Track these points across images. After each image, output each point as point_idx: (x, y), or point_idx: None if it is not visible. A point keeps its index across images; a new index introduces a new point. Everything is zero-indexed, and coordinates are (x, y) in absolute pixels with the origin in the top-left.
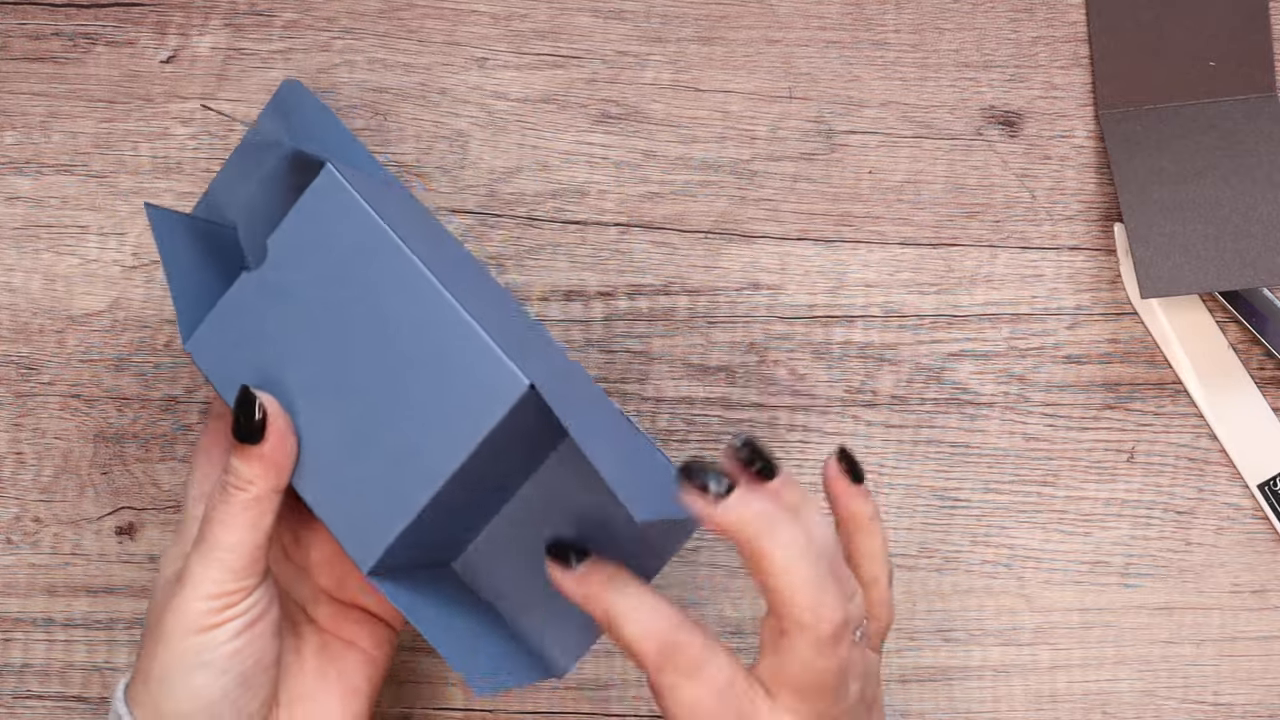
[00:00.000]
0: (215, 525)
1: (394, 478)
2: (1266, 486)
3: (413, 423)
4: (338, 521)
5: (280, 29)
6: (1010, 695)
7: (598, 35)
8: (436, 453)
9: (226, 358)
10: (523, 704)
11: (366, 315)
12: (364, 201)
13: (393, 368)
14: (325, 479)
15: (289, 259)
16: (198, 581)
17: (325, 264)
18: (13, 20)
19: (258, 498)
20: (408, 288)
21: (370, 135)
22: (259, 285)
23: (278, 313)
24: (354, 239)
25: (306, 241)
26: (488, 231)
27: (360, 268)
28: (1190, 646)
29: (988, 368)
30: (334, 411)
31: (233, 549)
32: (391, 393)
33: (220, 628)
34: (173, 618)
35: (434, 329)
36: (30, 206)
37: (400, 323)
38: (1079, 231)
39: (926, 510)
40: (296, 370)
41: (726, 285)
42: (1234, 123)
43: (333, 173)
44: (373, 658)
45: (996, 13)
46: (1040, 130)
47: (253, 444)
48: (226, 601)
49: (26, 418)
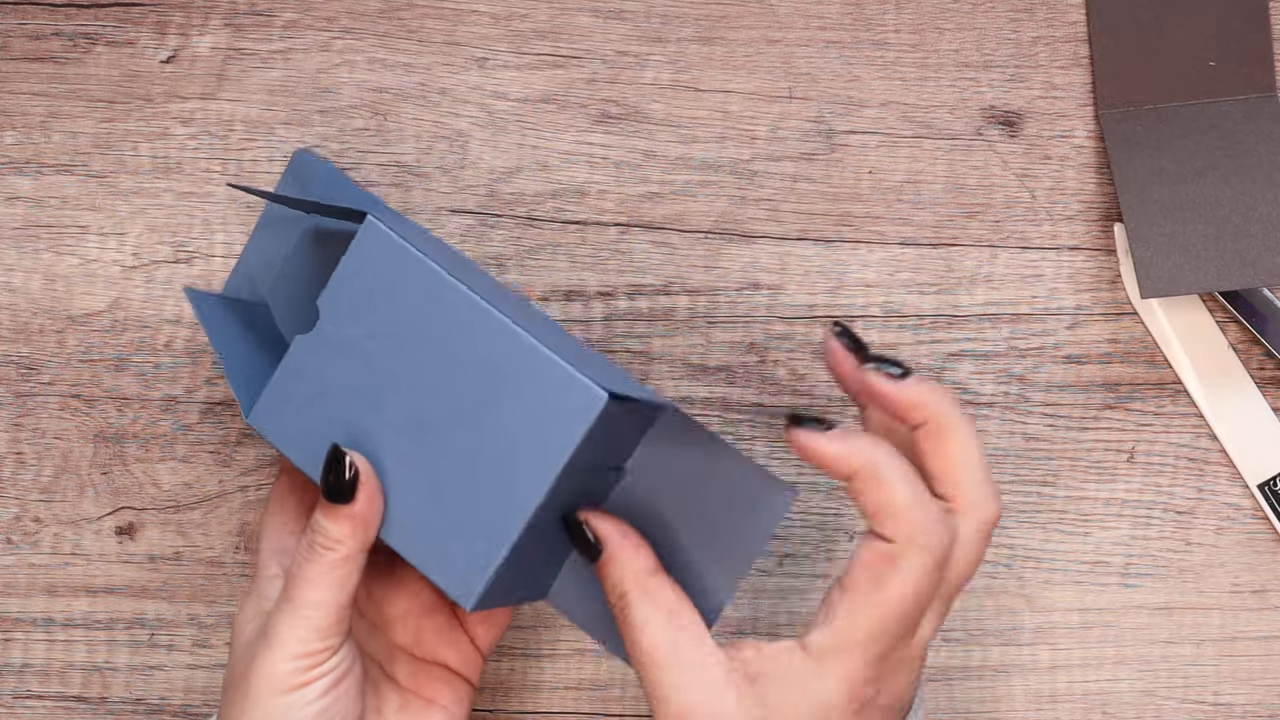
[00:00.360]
0: (302, 584)
1: (486, 510)
2: (1266, 486)
3: (496, 453)
4: (433, 565)
5: (280, 29)
6: (1010, 695)
7: (598, 35)
8: (525, 478)
9: (292, 423)
10: (523, 704)
11: (431, 355)
12: (409, 245)
13: (467, 402)
14: (414, 526)
15: (342, 314)
16: (284, 641)
17: (380, 312)
18: (13, 20)
19: (346, 557)
20: (467, 321)
21: (370, 135)
22: (315, 346)
23: (339, 369)
24: (405, 283)
25: (358, 294)
26: (488, 231)
27: (416, 310)
28: (1190, 646)
29: (988, 368)
30: (413, 457)
31: (320, 607)
32: (470, 427)
33: (308, 687)
34: (259, 678)
35: (502, 357)
36: (30, 206)
37: (467, 356)
38: (1079, 231)
39: None
40: (367, 422)
41: (726, 285)
42: (1234, 123)
43: (375, 223)
44: (453, 714)
45: (996, 13)
46: (1040, 130)
47: (343, 503)
48: (313, 661)
49: (26, 418)
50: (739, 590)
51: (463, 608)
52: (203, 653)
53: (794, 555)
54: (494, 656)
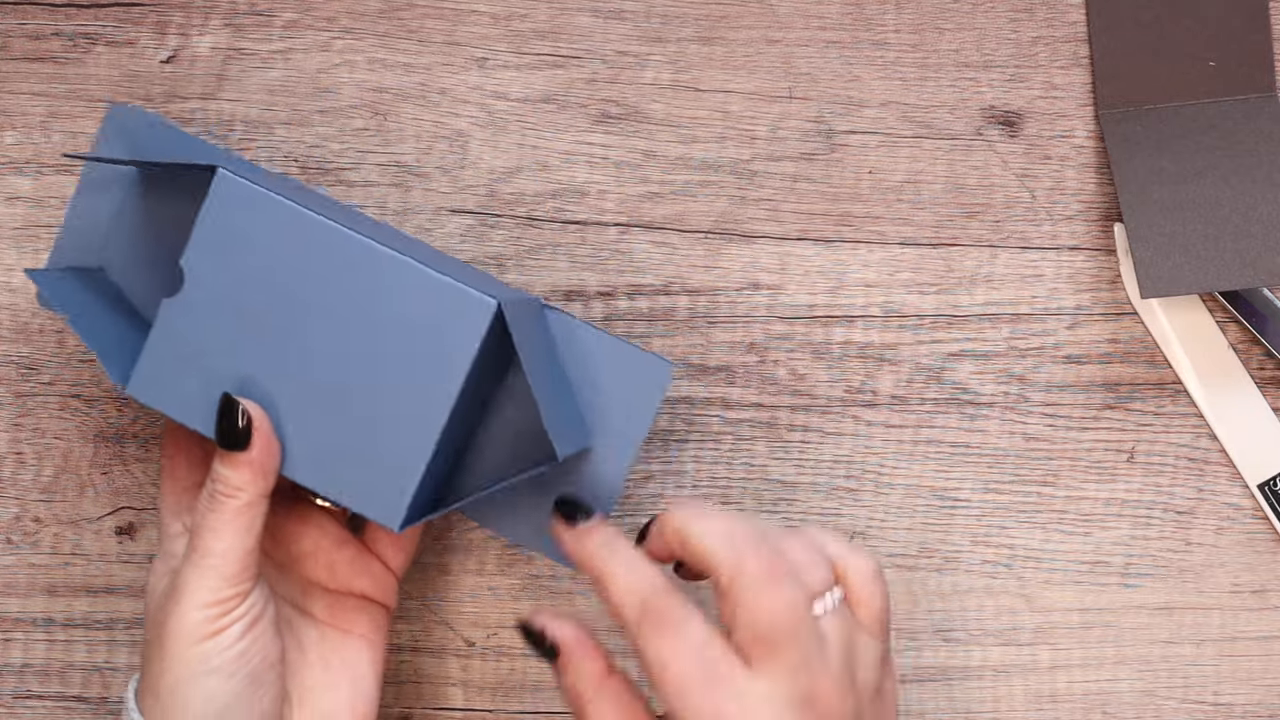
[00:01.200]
0: (206, 534)
1: (396, 432)
2: (1266, 486)
3: (396, 376)
4: (351, 495)
5: (280, 29)
6: (1010, 695)
7: (598, 35)
8: (430, 394)
9: (175, 385)
10: (522, 704)
11: (309, 294)
12: (267, 189)
13: (357, 332)
14: (324, 460)
15: (208, 271)
16: (194, 590)
17: (248, 262)
18: (13, 20)
19: (249, 503)
20: (341, 254)
21: (370, 135)
22: (186, 306)
23: (215, 324)
24: (268, 228)
25: (221, 247)
26: (488, 231)
27: (284, 252)
28: (1190, 646)
29: (988, 368)
30: (310, 395)
31: (225, 555)
32: (364, 357)
33: (222, 634)
34: (174, 630)
35: (383, 283)
36: (30, 206)
37: (347, 289)
38: (1079, 231)
39: (926, 510)
40: (256, 370)
41: (726, 285)
42: (1234, 123)
43: (226, 174)
44: (372, 641)
45: (996, 13)
46: (1040, 130)
47: (240, 450)
48: (224, 608)
49: (26, 418)
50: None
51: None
52: None
53: None
54: (494, 656)
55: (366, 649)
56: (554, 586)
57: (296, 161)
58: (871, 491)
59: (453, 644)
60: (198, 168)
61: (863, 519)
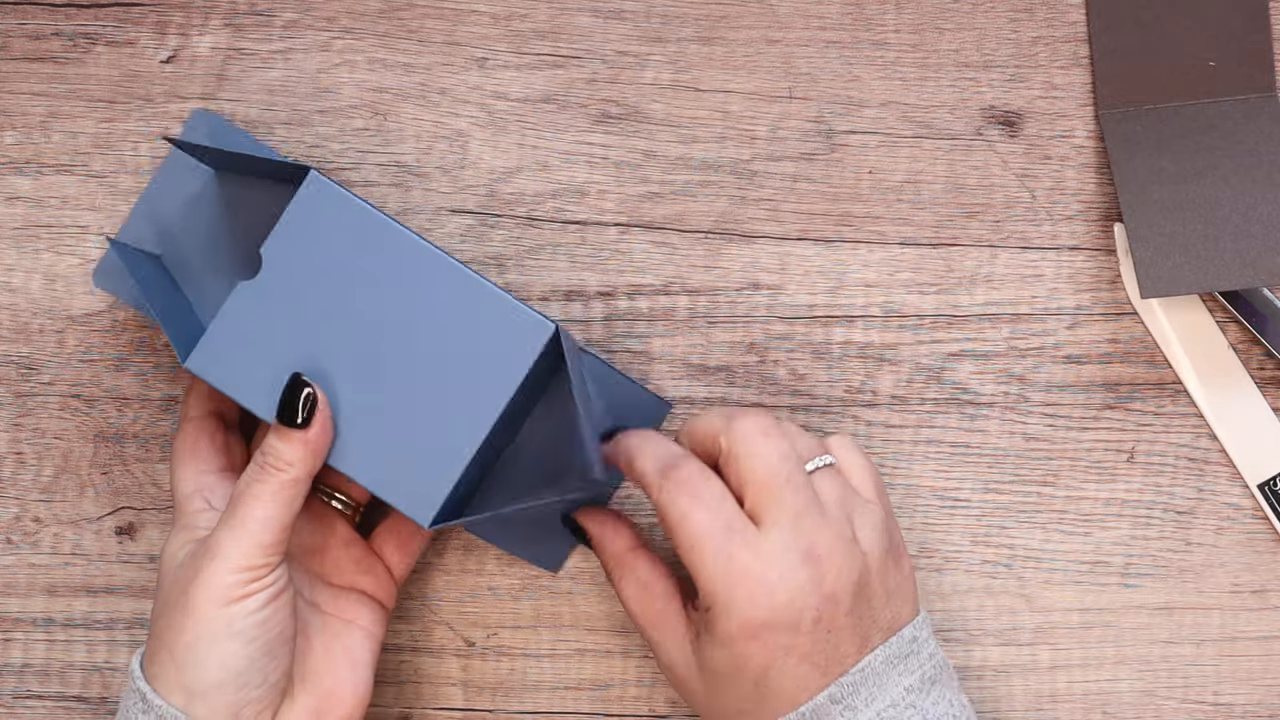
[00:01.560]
0: (251, 501)
1: (440, 435)
2: (1266, 486)
3: (448, 383)
4: (388, 488)
5: (280, 29)
6: (1010, 695)
7: (598, 35)
8: (479, 403)
9: (235, 365)
10: (522, 704)
11: (380, 297)
12: (354, 196)
13: (417, 337)
14: (368, 454)
15: (287, 262)
16: (228, 553)
17: (325, 259)
18: (13, 20)
19: (295, 479)
20: (414, 262)
21: (370, 135)
22: (259, 292)
23: (285, 313)
24: (350, 231)
25: (303, 242)
26: (488, 231)
27: (362, 256)
28: (1190, 646)
29: (988, 368)
30: (364, 391)
31: (265, 523)
32: (421, 361)
33: (249, 599)
34: (202, 590)
35: (450, 294)
36: (30, 206)
37: (414, 295)
38: (1079, 231)
39: (926, 510)
40: (316, 360)
41: (726, 285)
42: (1234, 123)
43: (319, 176)
44: (371, 634)
45: (996, 13)
46: (1040, 130)
47: (300, 428)
48: (254, 574)
49: (26, 418)
50: None
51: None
52: None
53: None
54: (494, 656)
55: (366, 640)
56: (554, 587)
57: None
58: None
59: (453, 644)
60: (291, 166)
61: None
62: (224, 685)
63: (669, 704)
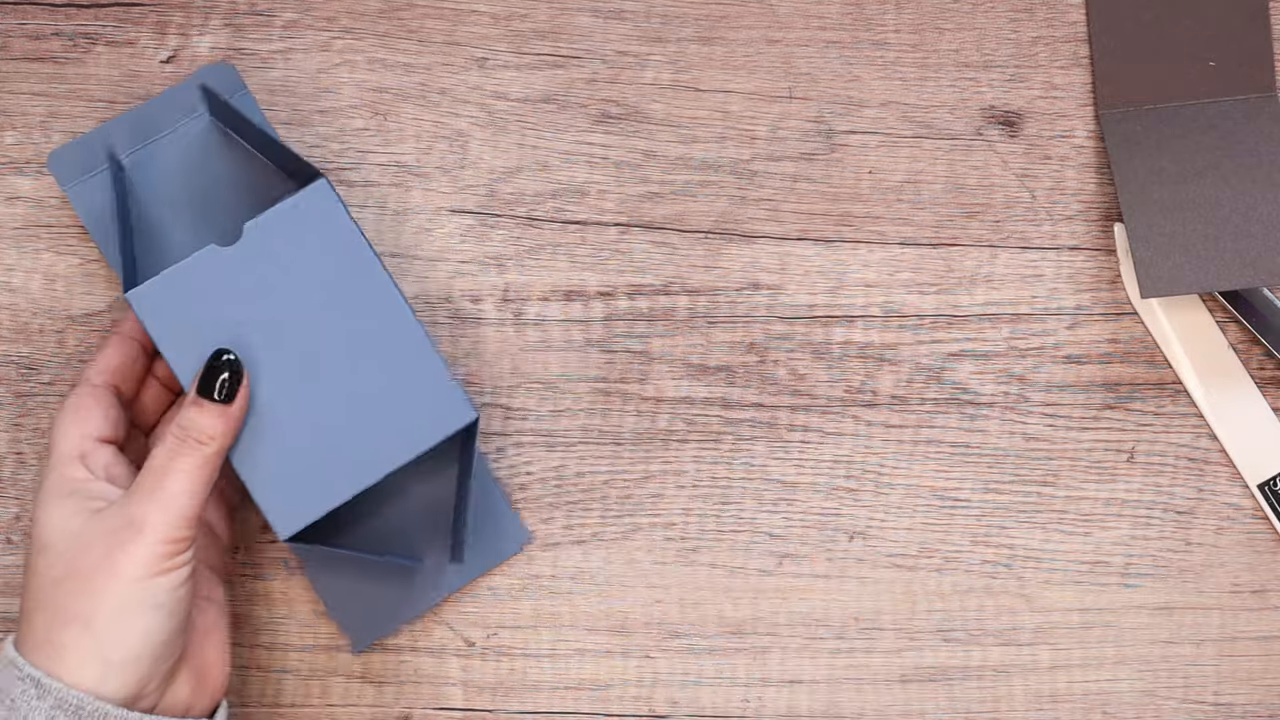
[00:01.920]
0: (175, 474)
1: (330, 465)
2: (1266, 486)
3: (359, 423)
4: (262, 491)
5: (280, 29)
6: (1010, 695)
7: (598, 35)
8: (377, 454)
9: (173, 316)
10: (523, 704)
11: (335, 320)
12: (351, 220)
13: (350, 370)
14: (260, 451)
15: (264, 247)
16: (155, 526)
17: (301, 263)
18: (13, 20)
19: (216, 453)
20: (379, 304)
21: (370, 135)
22: (226, 262)
23: (241, 292)
24: (334, 250)
25: (286, 237)
26: (488, 231)
27: (336, 276)
28: (1190, 646)
29: (988, 368)
30: (283, 397)
31: (189, 496)
32: (344, 392)
33: (172, 573)
34: (129, 562)
35: (398, 348)
36: (30, 206)
37: (367, 333)
38: (1079, 231)
39: (926, 510)
40: (251, 348)
41: (726, 285)
42: (1234, 123)
43: (327, 187)
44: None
45: (996, 13)
46: (1040, 130)
47: (224, 403)
48: (177, 548)
49: (26, 418)
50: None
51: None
52: None
53: (794, 555)
54: (494, 656)
55: (221, 613)
56: (554, 587)
57: None
58: (871, 491)
59: (453, 644)
60: (308, 167)
61: (863, 519)
62: (142, 658)
63: (669, 704)
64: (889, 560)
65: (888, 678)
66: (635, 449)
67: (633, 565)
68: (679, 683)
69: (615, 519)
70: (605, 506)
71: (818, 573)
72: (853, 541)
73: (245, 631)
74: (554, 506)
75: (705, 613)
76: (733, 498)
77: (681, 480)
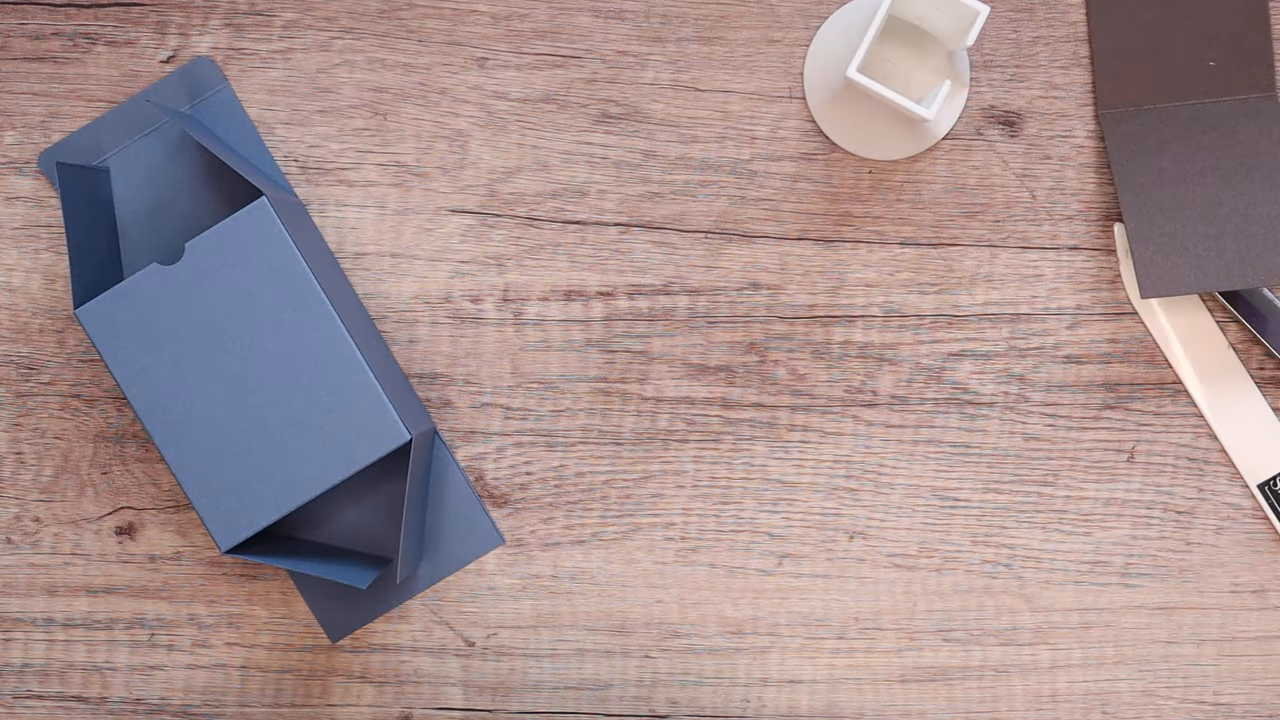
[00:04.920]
0: None
1: (270, 480)
2: (1266, 486)
3: (298, 439)
4: (203, 504)
5: (280, 29)
6: (1010, 695)
7: (598, 35)
8: (314, 471)
9: (120, 333)
10: (523, 703)
11: (272, 337)
12: (291, 239)
13: (289, 389)
14: (202, 465)
15: (206, 266)
16: None
17: (241, 281)
18: (13, 20)
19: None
20: (316, 325)
21: (370, 135)
22: (169, 280)
23: (184, 309)
24: (274, 268)
25: (227, 256)
26: (488, 231)
27: (275, 295)
28: (1190, 646)
29: (988, 368)
30: (223, 411)
31: None
32: (284, 408)
33: None
34: None
35: (334, 366)
36: (30, 206)
37: (304, 353)
38: (1079, 231)
39: (926, 510)
40: (193, 363)
41: (726, 285)
42: (1234, 123)
43: (266, 206)
44: None
45: (996, 13)
46: (1040, 130)
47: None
48: None
49: (26, 418)
50: None
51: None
52: (202, 653)
53: (793, 555)
54: (494, 656)
55: None
56: (554, 587)
57: (296, 161)
58: (871, 491)
59: (453, 644)
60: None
61: (863, 519)
62: None
63: (669, 704)
64: (889, 560)
65: (888, 678)
66: (635, 449)
67: (633, 565)
68: (679, 683)
69: (615, 519)
70: (605, 506)
71: (818, 573)
72: (853, 541)
73: (245, 631)
74: (554, 506)
75: (705, 613)
76: (733, 498)
77: (681, 480)
